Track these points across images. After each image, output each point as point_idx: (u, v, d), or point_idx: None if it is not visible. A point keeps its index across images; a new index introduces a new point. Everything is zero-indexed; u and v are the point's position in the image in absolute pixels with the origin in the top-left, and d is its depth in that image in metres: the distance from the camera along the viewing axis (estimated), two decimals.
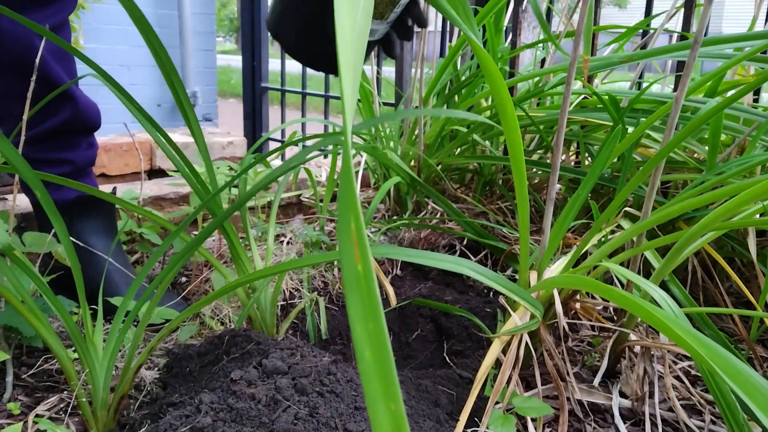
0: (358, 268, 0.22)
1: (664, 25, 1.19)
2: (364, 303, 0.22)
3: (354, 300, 0.22)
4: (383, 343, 0.21)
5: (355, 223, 0.22)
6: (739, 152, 1.12)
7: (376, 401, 0.21)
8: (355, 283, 0.22)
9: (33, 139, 1.00)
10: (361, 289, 0.22)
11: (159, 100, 3.71)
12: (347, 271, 0.22)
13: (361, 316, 0.22)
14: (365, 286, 0.22)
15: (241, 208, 0.98)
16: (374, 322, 0.21)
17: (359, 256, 0.22)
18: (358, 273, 0.22)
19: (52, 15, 0.94)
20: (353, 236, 0.22)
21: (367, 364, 0.21)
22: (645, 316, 0.56)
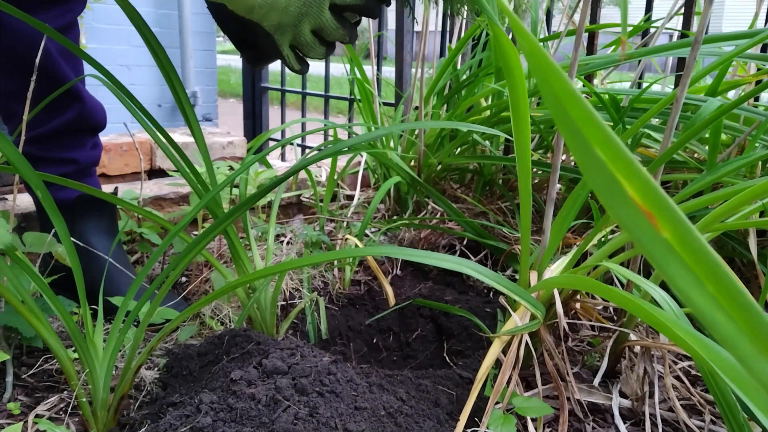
0: (663, 236, 0.18)
1: (665, 24, 1.19)
2: (690, 268, 0.18)
3: (675, 271, 0.18)
4: (739, 298, 0.17)
5: (632, 182, 0.18)
6: (739, 152, 1.12)
7: (758, 363, 0.17)
8: (669, 254, 0.18)
9: (39, 137, 1.00)
10: (679, 257, 0.18)
11: (159, 100, 3.71)
12: (651, 248, 0.18)
13: (694, 284, 0.18)
14: (683, 250, 0.18)
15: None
16: (714, 283, 0.17)
17: (660, 221, 0.18)
18: (666, 242, 0.18)
19: (62, 15, 0.94)
20: (635, 201, 0.18)
21: (726, 329, 0.18)
22: (645, 316, 0.56)
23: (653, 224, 0.18)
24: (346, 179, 1.75)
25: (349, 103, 2.04)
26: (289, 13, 0.67)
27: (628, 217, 0.18)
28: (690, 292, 0.18)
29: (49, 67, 0.94)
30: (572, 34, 1.33)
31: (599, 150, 0.19)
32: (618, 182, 0.18)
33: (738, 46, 0.85)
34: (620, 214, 0.19)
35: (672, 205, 0.18)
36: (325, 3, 0.68)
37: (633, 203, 0.18)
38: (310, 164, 0.88)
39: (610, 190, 0.19)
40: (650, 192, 0.18)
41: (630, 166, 0.18)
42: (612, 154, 0.19)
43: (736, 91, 1.23)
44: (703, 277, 0.18)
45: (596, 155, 0.19)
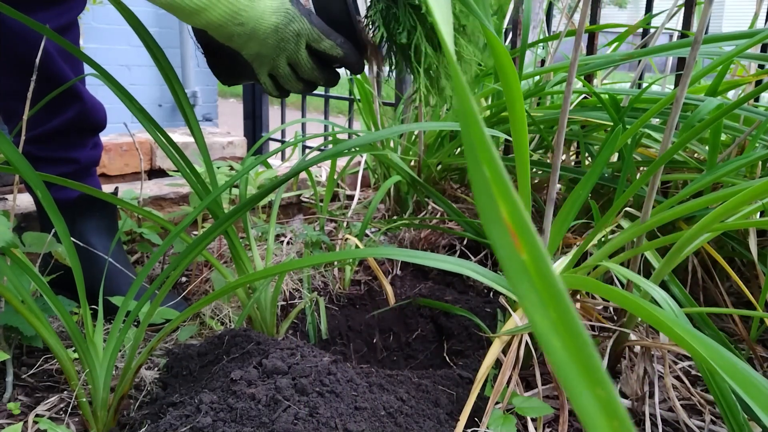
0: (522, 257, 0.19)
1: (665, 24, 1.19)
2: (538, 291, 0.19)
3: (525, 291, 0.19)
4: (573, 327, 0.19)
5: (505, 204, 0.20)
6: (739, 152, 1.12)
7: (580, 390, 0.18)
8: (522, 274, 0.19)
9: (40, 137, 1.00)
10: (530, 278, 0.19)
11: (159, 100, 3.71)
12: (509, 266, 0.20)
13: (538, 307, 0.19)
14: (535, 273, 0.19)
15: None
16: (555, 309, 0.19)
17: (521, 244, 0.19)
18: (523, 263, 0.19)
19: (61, 15, 0.94)
20: (506, 222, 0.20)
21: (558, 354, 0.19)
22: (645, 316, 0.56)
23: (516, 245, 0.20)
24: (346, 179, 1.75)
25: (349, 103, 2.04)
26: (267, 45, 0.69)
27: (498, 234, 0.20)
28: (534, 313, 0.19)
29: (49, 66, 0.94)
30: (572, 34, 1.33)
31: (487, 169, 0.21)
32: (495, 201, 0.20)
33: (738, 46, 0.85)
34: (492, 230, 0.20)
35: (533, 232, 0.20)
36: (302, 42, 0.69)
37: (504, 222, 0.20)
38: (310, 165, 0.88)
39: (490, 206, 0.20)
40: (518, 215, 0.20)
41: (507, 188, 0.20)
42: (495, 175, 0.20)
43: (735, 91, 1.23)
44: (548, 302, 0.19)
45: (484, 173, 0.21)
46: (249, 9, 0.65)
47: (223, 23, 0.65)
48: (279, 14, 0.67)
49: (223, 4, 0.63)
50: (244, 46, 0.69)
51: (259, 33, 0.67)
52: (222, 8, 0.64)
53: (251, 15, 0.65)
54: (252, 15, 0.65)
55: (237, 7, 0.64)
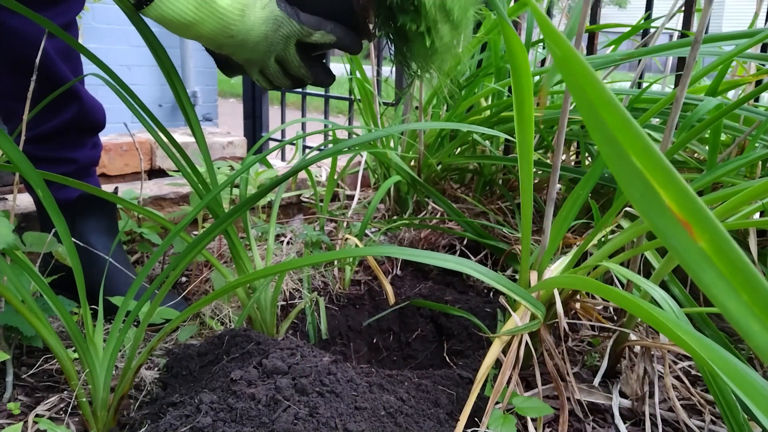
0: (700, 245, 0.18)
1: (665, 24, 1.19)
2: (726, 277, 0.18)
3: (710, 279, 0.18)
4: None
5: (669, 192, 0.18)
6: (739, 152, 1.12)
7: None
8: (704, 262, 0.18)
9: (39, 137, 1.00)
10: (714, 266, 0.18)
11: (159, 100, 3.71)
12: (687, 256, 0.18)
13: (729, 293, 0.18)
14: (718, 259, 0.18)
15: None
16: (748, 292, 0.18)
17: (696, 231, 0.18)
18: (702, 251, 0.18)
19: (60, 15, 0.94)
20: (672, 211, 0.18)
21: (760, 338, 0.18)
22: (645, 317, 0.56)
23: (690, 233, 0.18)
24: (346, 179, 1.75)
25: (349, 103, 2.04)
26: (257, 51, 0.69)
27: (664, 226, 0.19)
28: (725, 300, 0.18)
29: (47, 67, 0.94)
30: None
31: (636, 159, 0.19)
32: (655, 191, 0.19)
33: (738, 46, 0.85)
34: (657, 222, 0.19)
35: (710, 215, 0.18)
36: (291, 42, 0.70)
37: (670, 212, 0.18)
38: (310, 164, 0.88)
39: (647, 198, 0.19)
40: (688, 201, 0.18)
41: (668, 175, 0.18)
42: (649, 163, 0.19)
43: (735, 91, 1.23)
44: (738, 287, 0.18)
45: (633, 164, 0.19)
46: (239, 23, 0.65)
47: (214, 36, 0.65)
48: (268, 23, 0.67)
49: (213, 18, 0.64)
50: (235, 54, 0.70)
51: (249, 43, 0.67)
52: (213, 23, 0.64)
53: (241, 28, 0.66)
54: (242, 28, 0.66)
55: (227, 22, 0.64)
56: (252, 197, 0.80)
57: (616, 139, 0.19)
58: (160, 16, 0.63)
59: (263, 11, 0.66)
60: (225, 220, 0.78)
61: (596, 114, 0.20)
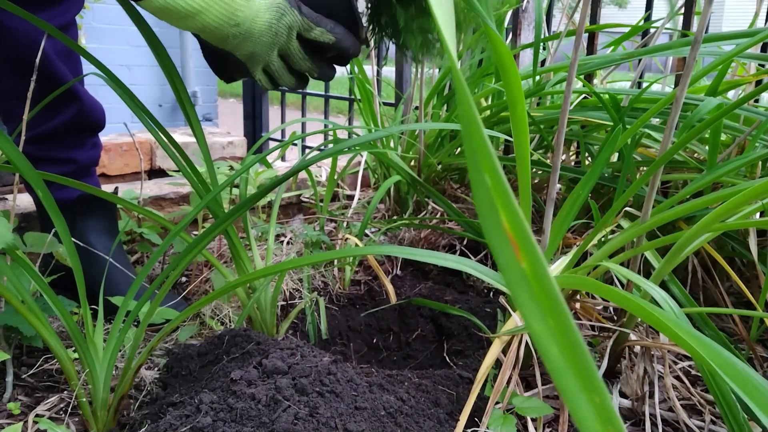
0: (522, 266, 0.20)
1: (665, 24, 1.19)
2: (537, 300, 0.20)
3: (524, 299, 0.20)
4: (570, 335, 0.19)
5: (506, 213, 0.20)
6: (739, 152, 1.12)
7: (576, 396, 0.19)
8: (522, 282, 0.20)
9: (38, 137, 1.00)
10: (530, 287, 0.20)
11: (159, 100, 3.71)
12: (509, 273, 0.20)
13: (537, 314, 0.20)
14: (534, 282, 0.20)
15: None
16: (554, 317, 0.20)
17: (521, 253, 0.20)
18: (523, 271, 0.20)
19: (59, 15, 0.94)
20: (506, 230, 0.20)
21: (555, 361, 0.19)
22: (645, 316, 0.56)
23: (516, 254, 0.20)
24: (346, 179, 1.75)
25: (349, 103, 2.04)
26: (262, 43, 0.68)
27: (498, 242, 0.20)
28: (533, 321, 0.20)
29: (47, 67, 0.94)
30: (572, 34, 1.33)
31: (488, 176, 0.21)
32: (497, 209, 0.20)
33: (738, 46, 0.85)
34: (493, 237, 0.21)
35: (533, 242, 0.20)
36: (293, 33, 0.69)
37: (504, 231, 0.20)
38: (310, 164, 0.88)
39: (491, 214, 0.21)
40: (519, 225, 0.20)
41: (508, 197, 0.20)
42: (496, 183, 0.21)
43: (735, 91, 1.23)
44: (546, 310, 0.20)
45: (485, 181, 0.21)
46: (245, 8, 0.64)
47: (220, 25, 0.64)
48: (272, 10, 0.66)
49: (219, 4, 0.62)
50: (239, 47, 0.68)
51: (254, 32, 0.66)
52: (218, 9, 0.62)
53: (247, 15, 0.64)
54: (248, 14, 0.64)
55: (233, 8, 0.63)
56: (252, 197, 0.80)
57: (477, 155, 0.21)
58: (164, 7, 0.61)
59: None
60: (225, 220, 0.78)
61: (467, 129, 0.22)
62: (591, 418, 0.19)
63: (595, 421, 0.19)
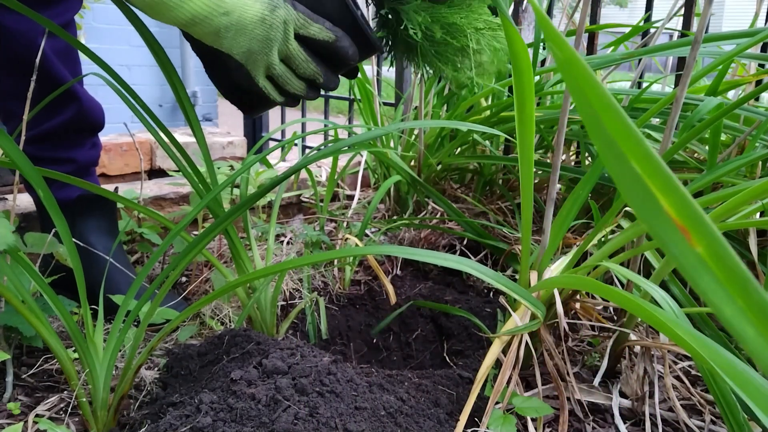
0: (697, 251, 0.18)
1: (665, 24, 1.19)
2: (722, 282, 0.18)
3: (707, 284, 0.19)
4: (766, 312, 0.18)
5: (668, 198, 0.18)
6: (739, 152, 1.12)
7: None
8: (702, 268, 0.19)
9: (37, 137, 1.00)
10: (711, 271, 0.18)
11: (159, 100, 3.71)
12: (685, 261, 0.19)
13: (725, 298, 0.18)
14: (715, 265, 0.18)
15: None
16: (744, 298, 0.18)
17: (693, 237, 0.18)
18: (699, 256, 0.18)
19: (58, 15, 0.94)
20: (671, 216, 0.18)
21: (754, 343, 0.18)
22: (645, 316, 0.56)
23: (687, 239, 0.19)
24: (346, 179, 1.75)
25: (349, 103, 2.04)
26: (256, 37, 0.66)
27: (662, 231, 0.19)
28: (721, 305, 0.19)
29: (45, 67, 0.94)
30: (572, 34, 1.33)
31: (636, 164, 0.19)
32: (654, 197, 0.19)
33: (738, 46, 0.85)
34: (655, 227, 0.19)
35: (707, 220, 0.18)
36: (290, 30, 0.67)
37: (668, 218, 0.19)
38: (310, 163, 0.88)
39: (646, 204, 0.19)
40: (686, 207, 0.19)
41: (667, 181, 0.19)
42: (649, 169, 0.19)
43: (735, 91, 1.23)
44: (734, 292, 0.18)
45: (633, 169, 0.19)
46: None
47: (208, 14, 0.63)
48: (262, 2, 0.65)
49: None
50: (234, 43, 0.67)
51: (246, 23, 0.65)
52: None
53: (236, 2, 0.64)
54: (236, 2, 0.64)
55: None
56: (252, 197, 0.80)
57: (616, 144, 0.19)
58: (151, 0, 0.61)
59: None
60: (225, 220, 0.78)
61: (597, 118, 0.20)
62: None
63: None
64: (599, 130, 0.20)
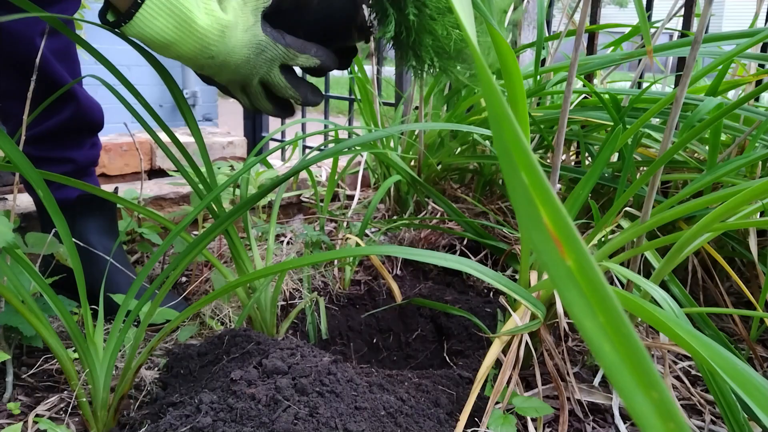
0: (567, 263, 0.19)
1: (665, 24, 1.19)
2: (586, 297, 0.19)
3: (572, 297, 0.19)
4: (623, 330, 0.19)
5: (547, 209, 0.19)
6: (739, 152, 1.12)
7: (633, 393, 0.19)
8: (569, 280, 0.19)
9: (35, 137, 1.00)
10: (577, 284, 0.19)
11: (160, 101, 3.71)
12: (554, 272, 0.19)
13: (586, 312, 0.19)
14: (582, 279, 0.19)
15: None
16: (605, 314, 0.19)
17: (565, 249, 0.19)
18: (569, 269, 0.19)
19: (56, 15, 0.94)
20: (548, 227, 0.19)
21: (609, 358, 0.19)
22: (645, 316, 0.56)
23: (560, 251, 0.20)
24: (346, 179, 1.75)
25: (349, 103, 2.04)
26: (240, 74, 0.69)
27: (540, 240, 0.20)
28: (583, 318, 0.19)
29: (43, 67, 0.94)
30: (572, 34, 1.33)
31: (525, 174, 0.20)
32: (536, 207, 0.20)
33: (738, 46, 0.85)
34: (534, 236, 0.20)
35: (577, 237, 0.19)
36: (275, 65, 0.69)
37: (546, 228, 0.20)
38: (310, 164, 0.88)
39: (530, 212, 0.20)
40: (561, 221, 0.20)
41: (547, 194, 0.20)
42: (534, 180, 0.20)
43: (735, 91, 1.23)
44: (596, 307, 0.19)
45: (522, 179, 0.20)
46: (219, 43, 0.65)
47: (194, 56, 0.65)
48: (251, 47, 0.67)
49: (192, 38, 0.63)
50: (217, 75, 0.69)
51: (230, 65, 0.67)
52: (192, 43, 0.64)
53: (221, 49, 0.65)
54: (222, 49, 0.65)
55: (206, 42, 0.64)
56: (252, 197, 0.80)
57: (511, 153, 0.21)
58: (139, 35, 0.63)
59: (245, 34, 0.66)
60: (225, 220, 0.78)
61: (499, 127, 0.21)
62: (650, 415, 0.18)
63: (655, 418, 0.18)
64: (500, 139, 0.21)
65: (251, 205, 0.81)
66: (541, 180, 0.20)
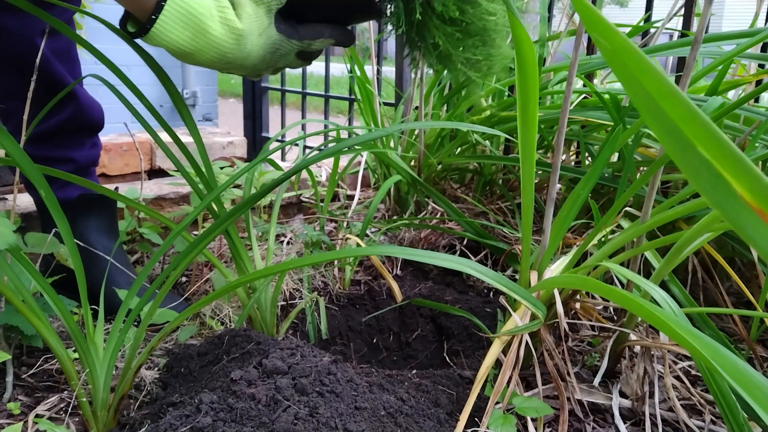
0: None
1: (665, 24, 1.19)
2: None
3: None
4: None
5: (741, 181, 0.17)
6: None
7: None
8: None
9: (35, 137, 1.00)
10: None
11: (160, 101, 3.71)
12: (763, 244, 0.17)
13: None
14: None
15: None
16: None
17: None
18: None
19: (56, 15, 0.94)
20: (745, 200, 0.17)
21: None
22: (645, 316, 0.56)
23: (766, 221, 0.18)
24: (346, 179, 1.75)
25: (349, 103, 2.04)
26: (257, 70, 0.73)
27: (738, 216, 0.18)
28: None
29: (44, 67, 0.94)
30: (572, 34, 1.33)
31: (703, 149, 0.18)
32: (725, 181, 0.18)
33: (738, 46, 0.85)
34: (730, 213, 0.18)
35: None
36: (291, 54, 0.73)
37: (743, 202, 0.18)
38: (311, 164, 0.88)
39: (717, 189, 0.18)
40: (760, 189, 0.17)
41: (738, 163, 0.18)
42: (718, 153, 0.18)
43: (735, 91, 1.23)
44: None
45: (700, 155, 0.18)
46: (236, 50, 0.68)
47: (212, 63, 0.68)
48: (266, 48, 0.70)
49: (209, 48, 0.66)
50: (235, 72, 0.73)
51: (248, 66, 0.71)
52: (210, 53, 0.67)
53: (238, 56, 0.68)
54: (239, 55, 0.68)
55: (223, 51, 0.67)
56: (252, 197, 0.80)
57: (680, 131, 0.18)
58: (158, 45, 0.65)
59: (260, 38, 0.69)
60: (226, 220, 0.78)
61: (656, 106, 0.19)
62: None
63: None
64: (660, 118, 0.19)
65: (251, 204, 0.81)
66: (728, 151, 0.18)
